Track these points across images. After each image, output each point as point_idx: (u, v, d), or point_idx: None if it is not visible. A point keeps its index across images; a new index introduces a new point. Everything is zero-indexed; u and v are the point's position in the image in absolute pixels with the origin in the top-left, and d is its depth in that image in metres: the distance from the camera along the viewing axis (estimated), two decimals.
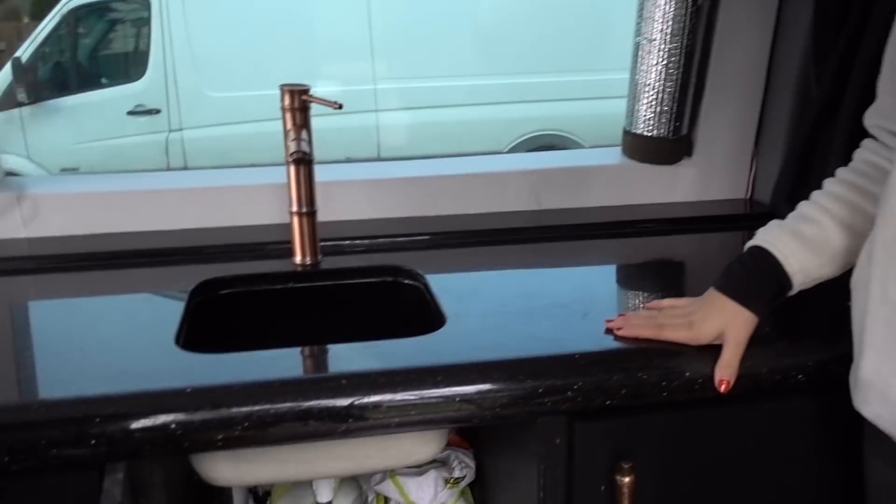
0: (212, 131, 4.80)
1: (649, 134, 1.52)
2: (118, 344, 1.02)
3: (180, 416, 0.87)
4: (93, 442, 0.85)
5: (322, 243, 1.31)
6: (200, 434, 0.88)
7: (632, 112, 1.54)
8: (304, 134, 1.23)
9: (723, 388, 0.94)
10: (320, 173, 1.30)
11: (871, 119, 0.94)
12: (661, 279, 1.24)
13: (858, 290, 0.85)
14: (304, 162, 1.25)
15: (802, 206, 0.98)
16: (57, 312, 1.16)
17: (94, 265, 1.28)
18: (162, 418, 0.87)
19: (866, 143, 0.98)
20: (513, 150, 4.76)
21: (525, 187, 1.49)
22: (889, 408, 0.80)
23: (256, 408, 0.89)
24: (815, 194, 0.99)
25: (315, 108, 1.24)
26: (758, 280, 0.95)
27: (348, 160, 4.62)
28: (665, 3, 1.43)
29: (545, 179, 1.50)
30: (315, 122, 1.23)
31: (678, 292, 1.23)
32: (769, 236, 0.96)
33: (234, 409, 0.88)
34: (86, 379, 0.92)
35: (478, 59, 4.72)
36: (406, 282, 1.27)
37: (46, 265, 1.28)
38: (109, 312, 1.13)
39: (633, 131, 1.54)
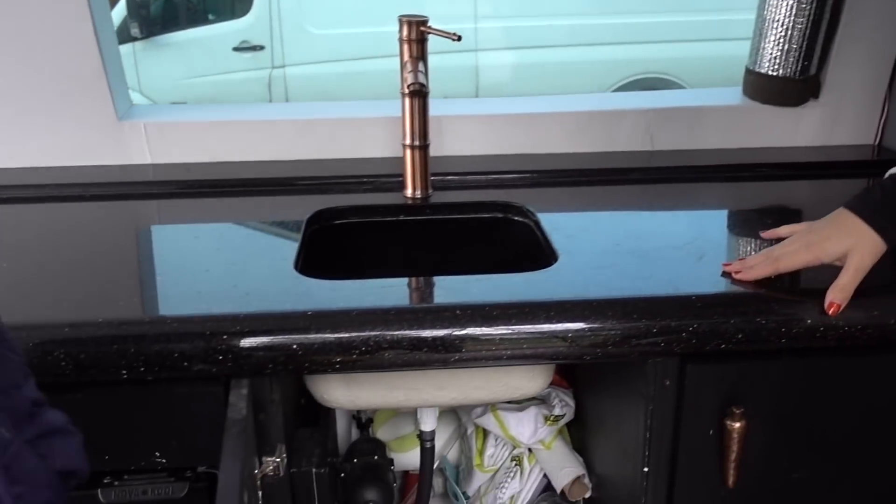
0: (313, 69, 4.84)
1: (774, 73, 1.45)
2: (241, 267, 1.06)
3: (301, 338, 0.91)
4: (220, 357, 0.90)
5: (432, 178, 1.32)
6: (320, 356, 0.91)
7: (756, 50, 1.47)
8: (420, 66, 1.23)
9: (831, 311, 0.91)
10: (431, 107, 1.30)
11: None
12: (785, 221, 1.19)
13: None
14: (419, 94, 1.25)
15: None
16: (183, 236, 1.22)
17: (215, 192, 1.33)
18: (284, 339, 0.91)
19: None
20: (618, 91, 4.62)
21: (638, 126, 1.45)
22: None
23: (373, 333, 0.91)
24: None
25: None
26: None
27: (445, 98, 4.61)
28: None
29: (660, 119, 1.45)
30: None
31: None
32: None
33: (353, 334, 0.91)
34: (214, 298, 0.97)
35: None
36: (516, 218, 1.27)
37: (171, 190, 1.34)
38: (231, 237, 1.18)
39: (757, 70, 1.47)
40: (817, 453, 1.03)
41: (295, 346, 0.91)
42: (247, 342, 0.91)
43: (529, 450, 1.36)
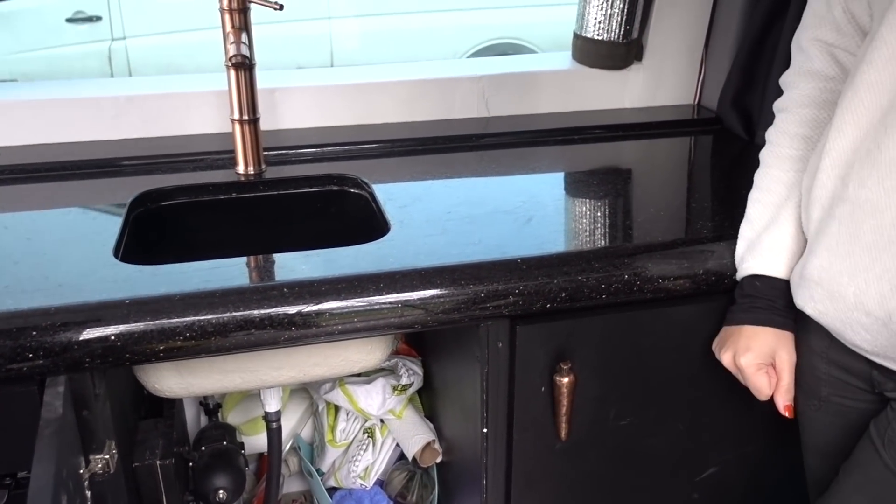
0: (158, 40, 4.60)
1: (599, 38, 1.49)
2: (55, 257, 1.00)
3: (119, 328, 0.87)
4: (30, 356, 0.85)
5: (266, 152, 1.29)
6: (141, 345, 0.88)
7: (582, 15, 1.51)
8: (243, 37, 1.18)
9: (788, 414, 0.95)
10: (263, 80, 1.26)
11: (809, 34, 0.93)
12: (608, 184, 1.24)
13: (813, 190, 0.85)
14: (244, 67, 1.21)
15: (767, 183, 0.96)
16: None
17: (29, 177, 1.24)
18: (100, 330, 0.86)
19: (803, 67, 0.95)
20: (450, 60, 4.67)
21: (473, 93, 1.47)
22: (835, 304, 0.83)
23: (197, 318, 0.89)
24: (767, 154, 0.97)
25: (267, 15, 1.19)
26: (772, 301, 0.95)
27: (299, 70, 4.50)
28: None
29: (494, 85, 1.48)
30: (266, 30, 1.18)
31: (624, 198, 1.25)
32: (757, 263, 0.95)
33: (175, 320, 0.88)
34: (22, 292, 0.91)
35: None
36: (352, 190, 1.26)
37: None
38: (45, 226, 1.11)
39: (584, 35, 1.51)
40: (640, 399, 1.09)
41: (113, 337, 0.87)
42: (60, 337, 0.86)
43: (382, 421, 1.37)
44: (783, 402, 0.95)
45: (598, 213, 1.16)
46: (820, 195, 0.84)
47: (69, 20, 4.56)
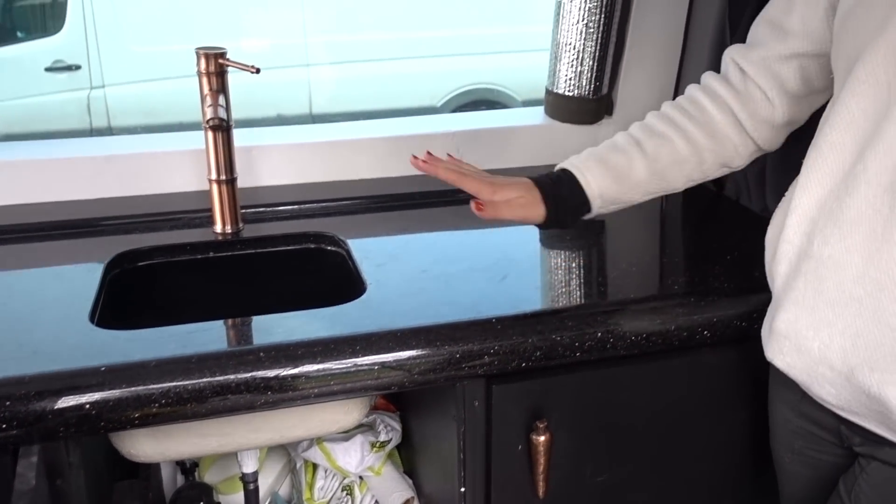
0: (137, 88, 4.63)
1: (570, 94, 1.53)
2: (29, 323, 1.00)
3: (94, 396, 0.87)
4: (3, 426, 0.84)
5: (244, 210, 1.30)
6: (116, 413, 0.87)
7: (553, 72, 1.55)
8: (221, 99, 1.20)
9: (477, 210, 0.98)
10: (240, 138, 1.28)
11: (730, 53, 1.01)
12: (581, 238, 1.27)
13: (780, 245, 0.88)
14: (221, 128, 1.22)
15: (617, 136, 1.04)
16: None
17: (4, 239, 1.24)
18: (75, 399, 0.86)
19: (705, 77, 1.04)
20: (447, 104, 4.73)
21: (449, 148, 1.48)
22: (803, 358, 0.84)
23: (173, 384, 0.89)
24: (633, 125, 1.05)
25: (247, 61, 1.21)
26: (563, 193, 1.00)
27: (279, 117, 4.54)
28: None
29: (468, 140, 1.50)
30: (246, 78, 1.20)
31: (597, 253, 1.27)
32: (577, 161, 1.02)
33: (151, 386, 0.88)
34: None
35: (411, 12, 4.65)
36: (329, 248, 1.27)
37: None
38: (20, 289, 1.11)
39: (555, 91, 1.55)
40: (616, 456, 1.09)
41: (88, 406, 0.86)
42: (34, 406, 0.85)
43: (361, 478, 1.36)
44: (483, 199, 0.98)
45: (572, 269, 1.18)
46: (787, 251, 0.87)
47: (48, 69, 4.58)
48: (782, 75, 0.96)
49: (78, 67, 4.64)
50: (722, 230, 1.33)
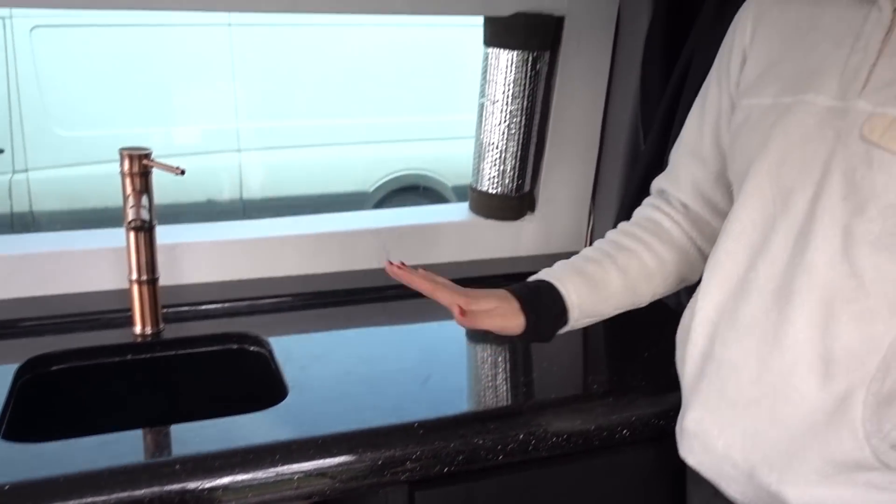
0: (61, 172, 4.55)
1: (494, 191, 1.58)
2: None
3: None
4: None
5: (165, 310, 1.28)
6: None
7: (477, 170, 1.60)
8: (144, 200, 1.20)
9: (459, 317, 0.92)
10: (163, 234, 1.27)
11: (659, 184, 1.06)
12: (504, 337, 1.28)
13: (687, 346, 0.91)
14: (143, 229, 1.21)
15: (586, 250, 1.06)
16: None
17: None
18: None
19: (647, 200, 1.09)
20: (378, 189, 4.79)
21: (374, 245, 1.51)
22: (710, 457, 0.88)
23: (82, 500, 0.85)
24: (598, 241, 1.07)
25: (177, 146, 1.20)
26: (542, 302, 0.98)
27: (209, 202, 4.51)
28: (507, 67, 1.50)
29: (395, 237, 1.52)
30: (178, 162, 1.18)
31: (520, 352, 1.28)
32: (552, 271, 1.01)
33: None
34: None
35: (344, 99, 4.74)
36: (251, 349, 1.26)
37: None
38: None
39: (479, 189, 1.60)
40: None
41: None
42: None
43: None
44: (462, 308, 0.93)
45: (495, 368, 1.20)
46: (693, 352, 0.90)
47: None
48: (711, 196, 1.01)
49: (1, 151, 4.54)
50: (640, 325, 1.37)
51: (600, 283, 1.00)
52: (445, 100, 4.85)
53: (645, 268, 1.02)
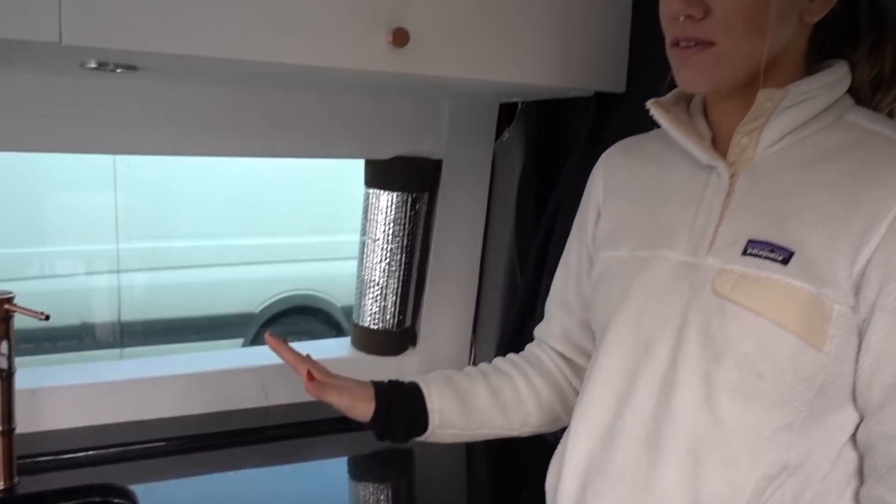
0: None
1: (375, 327, 1.59)
2: None
3: None
4: None
5: (22, 461, 1.20)
6: None
7: (359, 306, 1.61)
8: (3, 347, 1.14)
9: (308, 387, 0.97)
10: (23, 379, 1.20)
11: (536, 332, 1.10)
12: (388, 467, 1.27)
13: (558, 494, 0.92)
14: (1, 377, 1.15)
15: (465, 368, 1.08)
16: None
17: None
18: None
19: (530, 345, 1.13)
20: (265, 310, 4.70)
21: (253, 384, 1.48)
22: None
23: None
24: (480, 364, 1.10)
25: (53, 269, 1.16)
26: (399, 396, 1.00)
27: (83, 325, 4.30)
28: (387, 207, 1.55)
29: (274, 374, 1.50)
30: (52, 284, 1.14)
31: (404, 485, 1.27)
32: (424, 376, 1.03)
33: None
34: None
35: (229, 219, 4.70)
36: (116, 501, 1.19)
37: None
38: None
39: (361, 324, 1.61)
40: None
41: None
42: None
43: None
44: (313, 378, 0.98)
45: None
46: (564, 500, 0.92)
47: None
48: (579, 342, 1.05)
49: None
50: (520, 463, 1.38)
51: (467, 394, 1.02)
52: (334, 219, 4.89)
53: (517, 391, 1.04)
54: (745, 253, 0.80)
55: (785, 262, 0.78)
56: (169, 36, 0.94)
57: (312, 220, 4.86)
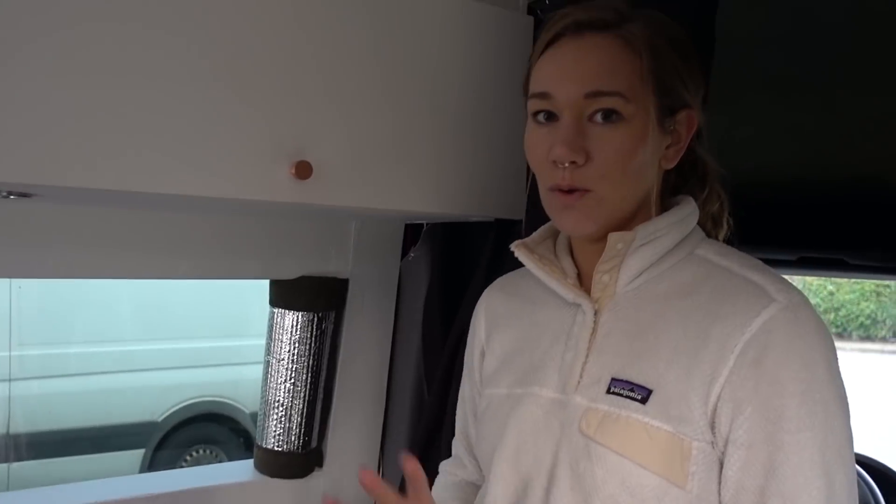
0: None
1: (280, 448, 1.55)
2: None
3: None
4: None
5: None
6: None
7: (263, 427, 1.57)
8: None
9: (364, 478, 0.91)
10: None
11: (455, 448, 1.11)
12: None
13: None
14: None
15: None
16: None
17: None
18: None
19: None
20: (169, 418, 4.50)
21: None
22: None
23: None
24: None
25: None
26: None
27: None
28: (292, 327, 1.53)
29: (171, 503, 1.43)
30: None
31: None
32: None
33: None
34: None
35: (129, 323, 4.53)
36: None
37: None
38: None
39: (264, 446, 1.56)
40: None
41: None
42: None
43: None
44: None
45: None
46: None
47: None
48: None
49: None
50: None
51: None
52: (241, 322, 4.78)
53: None
54: (608, 391, 0.82)
55: (644, 401, 0.80)
56: (65, 168, 0.93)
57: (218, 324, 4.74)
